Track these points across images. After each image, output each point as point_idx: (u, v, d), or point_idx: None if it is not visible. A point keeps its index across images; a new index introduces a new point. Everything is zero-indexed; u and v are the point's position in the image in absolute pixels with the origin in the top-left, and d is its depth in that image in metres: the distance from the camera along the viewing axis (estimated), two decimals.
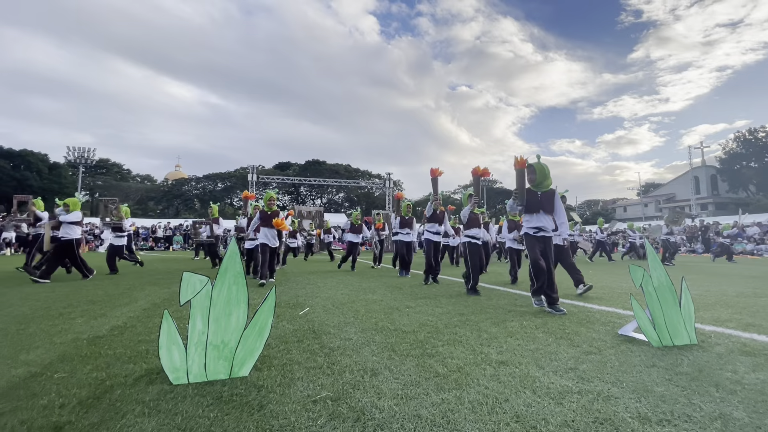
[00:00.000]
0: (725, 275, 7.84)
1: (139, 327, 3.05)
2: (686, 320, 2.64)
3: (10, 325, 3.10)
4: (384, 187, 37.11)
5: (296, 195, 58.10)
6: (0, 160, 37.41)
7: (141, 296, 4.64)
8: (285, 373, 2.02)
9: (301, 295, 4.88)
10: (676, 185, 53.62)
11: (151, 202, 53.81)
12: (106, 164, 53.55)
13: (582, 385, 1.86)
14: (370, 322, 3.29)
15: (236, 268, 2.04)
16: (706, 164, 48.94)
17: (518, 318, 3.46)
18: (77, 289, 5.27)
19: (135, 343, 2.59)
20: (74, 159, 37.92)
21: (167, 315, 1.90)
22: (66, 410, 1.58)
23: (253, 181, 31.23)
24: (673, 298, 2.67)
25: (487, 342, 2.65)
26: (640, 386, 1.86)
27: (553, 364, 2.19)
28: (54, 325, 3.11)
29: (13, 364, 2.14)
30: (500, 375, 2.00)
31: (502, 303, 4.32)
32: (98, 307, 3.88)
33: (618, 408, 1.62)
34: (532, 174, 4.09)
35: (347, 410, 1.59)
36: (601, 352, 2.41)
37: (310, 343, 2.60)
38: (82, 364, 2.14)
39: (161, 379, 1.91)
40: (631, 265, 2.77)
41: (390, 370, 2.08)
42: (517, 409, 1.61)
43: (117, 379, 1.93)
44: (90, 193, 49.32)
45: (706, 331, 2.99)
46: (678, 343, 2.59)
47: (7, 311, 3.67)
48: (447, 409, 1.60)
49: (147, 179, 60.78)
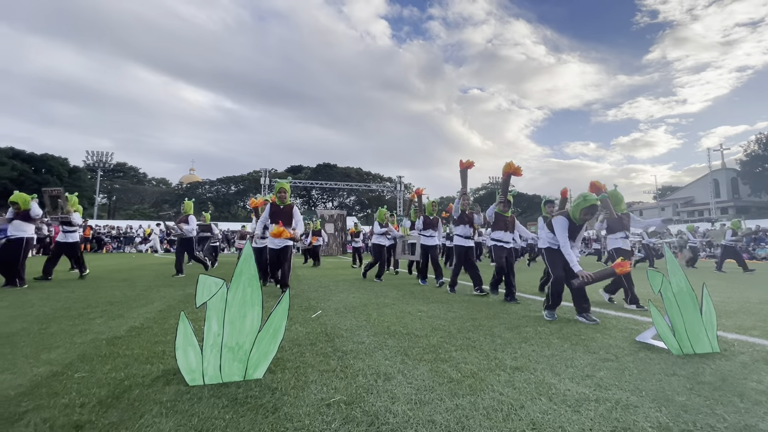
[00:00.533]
0: (747, 282, 7.60)
1: (155, 328, 3.10)
2: (708, 328, 2.57)
3: (33, 324, 3.18)
4: (395, 190, 37.12)
5: (308, 198, 58.54)
6: (22, 165, 38.63)
7: (157, 298, 4.72)
8: (299, 376, 2.03)
9: (314, 298, 4.90)
10: (694, 188, 52.36)
11: (165, 205, 54.84)
12: (123, 168, 54.91)
13: (600, 393, 1.82)
14: (382, 326, 3.28)
15: (251, 271, 2.07)
16: (726, 167, 47.71)
17: (533, 323, 3.41)
18: (95, 290, 5.39)
19: (152, 344, 2.64)
20: (93, 163, 39.06)
21: (183, 317, 1.93)
22: (86, 409, 1.61)
23: (265, 184, 31.59)
24: (693, 304, 2.60)
25: (501, 347, 2.62)
26: (660, 395, 1.81)
27: (569, 370, 2.15)
28: (74, 325, 3.19)
29: (35, 363, 2.20)
30: (515, 381, 1.98)
31: (515, 308, 4.26)
32: (116, 308, 3.96)
33: (638, 417, 1.58)
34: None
35: (361, 414, 1.59)
36: (619, 360, 2.36)
37: (323, 347, 2.61)
38: (101, 364, 2.19)
39: (178, 380, 1.94)
40: (650, 270, 2.70)
41: (403, 374, 2.07)
42: (533, 416, 1.58)
43: (135, 379, 1.97)
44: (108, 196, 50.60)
45: (728, 339, 2.91)
46: (699, 351, 2.52)
47: (29, 311, 3.77)
48: (461, 415, 1.58)
49: (162, 182, 62.01)
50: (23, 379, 1.95)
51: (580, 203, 3.61)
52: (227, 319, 1.99)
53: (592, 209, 3.57)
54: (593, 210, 3.58)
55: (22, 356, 2.33)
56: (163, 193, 56.79)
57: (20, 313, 3.65)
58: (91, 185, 38.97)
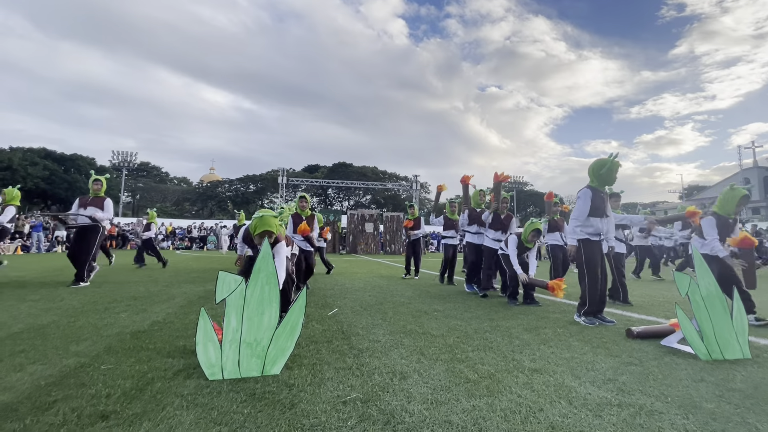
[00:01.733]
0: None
1: (177, 323, 3.18)
2: (739, 333, 2.46)
3: (62, 317, 3.31)
4: (411, 189, 37.01)
5: (324, 197, 59.03)
6: (53, 164, 40.33)
7: (178, 293, 4.85)
8: (315, 373, 2.05)
9: (330, 296, 4.93)
10: (723, 187, 50.25)
11: (186, 203, 56.29)
12: (147, 167, 56.59)
13: (622, 398, 1.77)
14: (398, 324, 3.28)
15: (269, 269, 2.09)
16: (759, 165, 45.57)
17: (551, 325, 3.35)
18: (120, 286, 5.58)
19: (174, 338, 2.71)
20: (118, 162, 40.33)
21: (203, 313, 1.97)
22: (111, 400, 1.67)
23: (282, 183, 32.01)
24: (723, 308, 2.49)
25: (519, 349, 2.58)
26: (687, 402, 1.74)
27: (590, 374, 2.10)
28: (101, 318, 3.30)
29: (64, 355, 2.29)
30: (534, 383, 1.94)
31: (533, 309, 4.19)
32: (140, 303, 4.08)
33: (663, 424, 1.52)
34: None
35: (377, 413, 1.59)
36: (643, 364, 2.28)
37: (339, 344, 2.63)
38: (126, 357, 2.26)
39: (198, 374, 1.98)
40: (676, 273, 2.61)
41: (419, 373, 2.06)
42: (552, 419, 1.55)
43: (158, 372, 2.02)
44: (132, 195, 52.27)
45: (761, 345, 2.78)
46: (729, 356, 2.41)
47: (59, 305, 3.93)
48: (478, 416, 1.56)
49: (183, 181, 63.61)
50: (53, 370, 2.03)
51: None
52: (246, 315, 2.02)
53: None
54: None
55: (52, 348, 2.43)
56: (184, 192, 58.27)
57: (51, 307, 3.81)
58: (117, 184, 40.30)
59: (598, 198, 3.53)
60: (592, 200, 3.50)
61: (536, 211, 59.63)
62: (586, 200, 3.51)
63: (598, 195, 3.54)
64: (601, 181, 3.54)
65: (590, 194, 3.52)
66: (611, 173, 3.48)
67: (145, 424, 1.46)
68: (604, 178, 3.51)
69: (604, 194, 3.59)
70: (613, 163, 3.46)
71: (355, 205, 57.45)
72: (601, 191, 3.57)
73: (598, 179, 3.54)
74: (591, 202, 3.49)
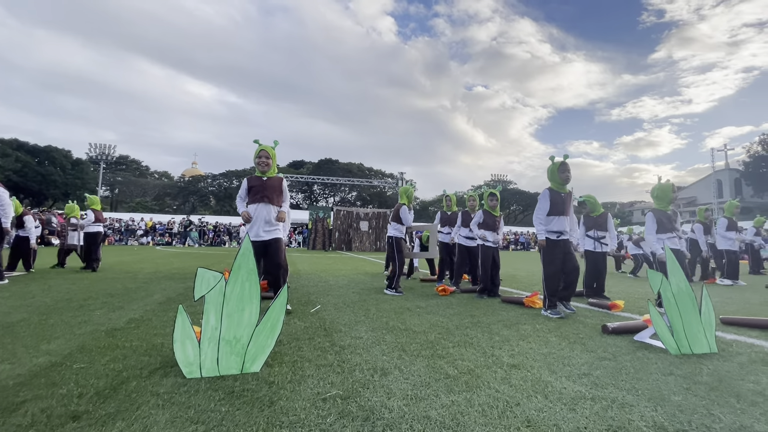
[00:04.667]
0: (750, 284, 7.58)
1: (154, 320, 3.11)
2: (706, 328, 2.56)
3: (33, 315, 3.20)
4: (396, 186, 37.05)
5: (309, 193, 58.58)
6: (26, 156, 38.73)
7: (157, 290, 4.74)
8: (296, 370, 2.04)
9: (313, 293, 4.91)
10: (697, 188, 52.05)
11: (167, 198, 54.99)
12: (126, 161, 54.95)
13: (596, 392, 1.82)
14: (380, 321, 3.29)
15: (249, 266, 2.07)
16: (730, 167, 47.43)
17: (531, 321, 3.42)
18: (97, 282, 5.42)
19: (151, 336, 2.65)
20: (96, 155, 39.13)
21: (182, 310, 1.93)
22: (84, 400, 1.62)
23: None
24: (692, 304, 2.59)
25: (499, 345, 2.62)
26: (656, 394, 1.81)
27: (566, 369, 2.15)
28: (74, 316, 3.20)
29: (34, 354, 2.21)
30: (511, 378, 1.98)
31: (515, 306, 4.26)
32: (116, 300, 3.98)
33: (633, 416, 1.58)
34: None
35: (357, 409, 1.59)
36: (616, 359, 2.36)
37: (321, 341, 2.62)
38: (100, 355, 2.20)
39: (175, 372, 1.95)
40: (650, 271, 2.70)
41: (400, 369, 2.08)
42: (528, 413, 1.58)
43: (133, 371, 1.98)
44: (110, 189, 50.75)
45: (727, 339, 2.90)
46: (697, 351, 2.51)
47: (30, 302, 3.79)
48: (456, 412, 1.59)
49: (164, 176, 62.12)
50: (22, 369, 1.96)
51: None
52: (225, 312, 1.99)
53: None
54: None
55: (21, 347, 2.34)
56: (165, 187, 56.91)
57: (21, 304, 3.67)
58: (94, 177, 39.04)
59: (557, 198, 3.81)
60: (551, 200, 3.80)
61: (519, 210, 60.63)
62: (545, 200, 3.83)
63: (557, 195, 3.82)
64: (554, 181, 3.86)
65: (548, 194, 3.83)
66: (553, 174, 3.85)
67: (118, 424, 1.43)
68: (555, 178, 3.85)
69: (564, 195, 3.85)
70: (555, 164, 3.85)
71: (340, 202, 57.20)
72: (560, 192, 3.84)
73: (552, 181, 3.88)
74: (550, 201, 3.80)
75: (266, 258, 3.56)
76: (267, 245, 3.53)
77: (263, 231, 3.52)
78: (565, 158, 3.89)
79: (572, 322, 3.39)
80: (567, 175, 3.81)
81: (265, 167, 3.63)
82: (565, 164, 3.85)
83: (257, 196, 3.56)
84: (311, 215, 22.41)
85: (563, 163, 3.84)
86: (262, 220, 3.52)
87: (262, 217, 3.52)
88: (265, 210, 3.54)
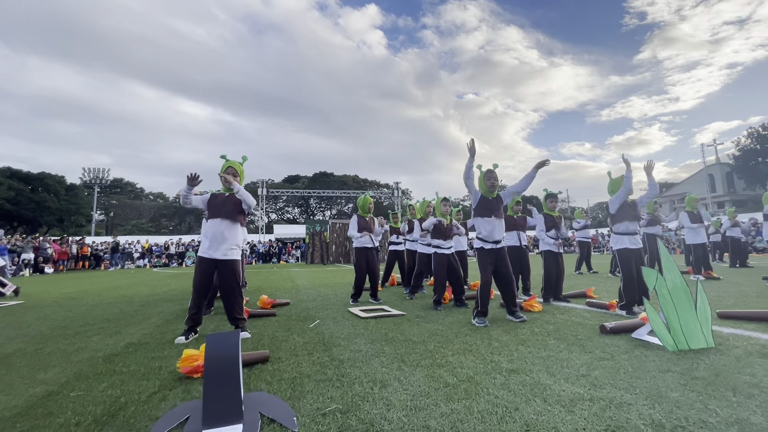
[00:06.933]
0: (746, 276, 7.63)
1: (152, 344, 3.09)
2: (703, 323, 2.58)
3: (29, 344, 3.17)
4: (393, 196, 37.15)
5: (306, 207, 58.56)
6: (19, 184, 38.54)
7: (154, 313, 4.71)
8: (295, 387, 2.03)
9: (312, 308, 4.89)
10: (690, 184, 52.52)
11: (163, 219, 54.77)
12: (120, 183, 54.79)
13: (594, 392, 1.83)
14: (379, 332, 3.29)
15: None
16: (721, 162, 48.00)
17: (529, 325, 3.42)
18: (93, 308, 5.38)
19: (149, 359, 2.64)
20: (90, 180, 39.02)
21: None
22: (81, 428, 1.61)
23: (263, 194, 31.58)
24: (688, 300, 2.62)
25: (498, 350, 2.63)
26: (654, 392, 1.82)
27: (564, 371, 2.16)
28: (71, 343, 3.18)
29: (30, 384, 2.19)
30: (510, 383, 1.98)
31: None
32: (113, 325, 3.95)
33: (631, 415, 1.59)
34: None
35: (356, 422, 1.59)
36: (614, 358, 2.37)
37: (320, 356, 2.61)
38: (97, 382, 2.19)
39: (173, 395, 1.94)
40: (644, 268, 2.72)
41: (399, 381, 2.08)
42: (527, 417, 1.59)
43: (131, 395, 1.97)
44: (105, 212, 50.51)
45: (724, 333, 2.92)
46: (694, 346, 2.53)
47: (25, 331, 3.76)
48: (456, 419, 1.59)
49: (159, 197, 61.92)
50: (18, 400, 1.95)
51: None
52: None
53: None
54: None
55: (18, 377, 2.32)
56: (160, 208, 56.70)
57: (17, 334, 3.64)
58: (89, 202, 38.86)
59: (485, 201, 3.83)
60: (479, 202, 3.84)
61: None
62: (473, 203, 3.89)
63: (484, 199, 3.84)
64: (482, 188, 3.90)
65: (478, 198, 3.86)
66: (482, 182, 3.92)
67: None
68: (481, 185, 3.91)
69: (494, 199, 3.86)
70: (481, 173, 3.93)
71: (337, 214, 57.17)
72: (489, 197, 3.86)
73: (481, 188, 3.92)
74: (477, 205, 3.84)
75: (219, 280, 3.39)
76: (219, 263, 3.34)
77: (217, 249, 3.32)
78: (494, 167, 4.05)
79: (571, 324, 3.40)
80: (493, 182, 3.92)
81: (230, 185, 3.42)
82: (491, 172, 4.00)
83: (217, 211, 3.39)
84: (308, 229, 22.34)
85: (490, 171, 4.00)
86: (220, 238, 3.34)
87: (219, 234, 3.34)
88: (222, 226, 3.36)
